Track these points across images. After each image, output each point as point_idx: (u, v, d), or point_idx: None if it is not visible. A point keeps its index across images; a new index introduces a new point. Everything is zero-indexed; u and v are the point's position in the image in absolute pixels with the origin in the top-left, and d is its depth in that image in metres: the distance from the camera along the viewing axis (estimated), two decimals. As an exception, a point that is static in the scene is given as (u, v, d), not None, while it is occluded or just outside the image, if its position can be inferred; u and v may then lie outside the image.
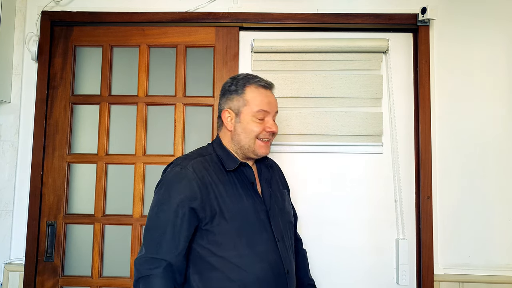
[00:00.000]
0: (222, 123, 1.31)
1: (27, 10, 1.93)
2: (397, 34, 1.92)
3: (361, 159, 1.88)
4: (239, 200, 1.22)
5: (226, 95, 1.30)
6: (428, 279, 1.77)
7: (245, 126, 1.26)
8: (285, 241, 1.27)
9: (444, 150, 1.85)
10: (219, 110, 1.33)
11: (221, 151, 1.29)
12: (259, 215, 1.23)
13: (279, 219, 1.28)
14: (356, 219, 1.85)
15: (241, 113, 1.27)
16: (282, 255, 1.23)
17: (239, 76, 1.33)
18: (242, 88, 1.28)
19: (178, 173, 1.20)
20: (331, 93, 1.88)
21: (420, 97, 1.83)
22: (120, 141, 1.92)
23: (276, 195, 1.34)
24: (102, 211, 1.87)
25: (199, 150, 1.33)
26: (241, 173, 1.27)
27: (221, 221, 1.17)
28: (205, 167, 1.23)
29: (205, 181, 1.19)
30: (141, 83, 1.92)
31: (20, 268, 1.82)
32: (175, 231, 1.15)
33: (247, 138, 1.27)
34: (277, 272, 1.21)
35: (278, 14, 1.88)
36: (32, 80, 1.90)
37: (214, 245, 1.17)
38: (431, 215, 1.79)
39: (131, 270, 1.84)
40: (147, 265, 1.13)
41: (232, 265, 1.16)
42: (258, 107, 1.26)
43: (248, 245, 1.19)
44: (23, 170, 1.88)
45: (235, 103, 1.27)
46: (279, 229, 1.27)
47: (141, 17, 1.90)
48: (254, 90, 1.28)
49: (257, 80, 1.30)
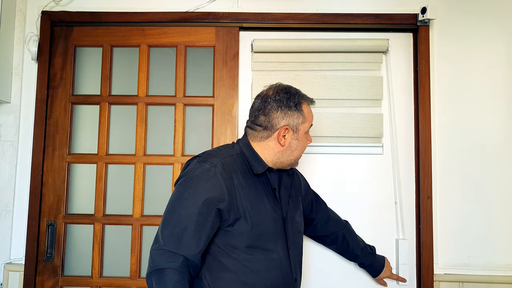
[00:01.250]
0: (269, 136, 1.26)
1: (27, 10, 1.93)
2: (397, 34, 1.92)
3: (361, 159, 1.88)
4: (261, 205, 1.22)
5: (283, 110, 1.25)
6: (428, 279, 1.77)
7: (299, 143, 1.29)
8: (295, 250, 1.29)
9: (444, 150, 1.85)
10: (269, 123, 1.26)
11: (249, 152, 1.27)
12: (277, 222, 1.24)
13: (291, 227, 1.29)
14: (356, 219, 1.84)
15: (299, 130, 1.27)
16: (292, 263, 1.25)
17: (291, 90, 1.29)
18: (300, 105, 1.27)
19: (207, 170, 1.17)
20: (331, 94, 1.88)
21: (420, 97, 1.83)
22: (120, 141, 1.92)
23: (291, 203, 1.34)
24: (102, 211, 1.87)
25: (226, 149, 1.30)
26: (265, 178, 1.27)
27: (243, 224, 1.17)
28: (234, 168, 1.21)
29: (233, 183, 1.18)
30: (141, 83, 1.92)
31: (20, 268, 1.82)
32: (197, 228, 1.13)
33: (299, 153, 1.30)
34: (287, 279, 1.24)
35: (278, 14, 1.88)
36: (32, 80, 1.90)
37: (230, 246, 1.18)
38: (431, 215, 1.79)
39: (131, 270, 1.84)
40: (165, 258, 1.11)
41: (246, 268, 1.17)
42: (310, 123, 1.32)
43: (264, 250, 1.20)
44: (23, 170, 1.88)
45: (295, 119, 1.26)
46: (292, 237, 1.28)
47: (141, 17, 1.90)
48: (307, 107, 1.31)
49: (307, 97, 1.33)
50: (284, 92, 1.28)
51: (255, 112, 1.30)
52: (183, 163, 1.86)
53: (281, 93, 1.27)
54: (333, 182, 1.87)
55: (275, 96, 1.27)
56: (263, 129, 1.27)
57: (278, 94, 1.27)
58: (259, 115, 1.28)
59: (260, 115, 1.27)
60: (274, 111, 1.25)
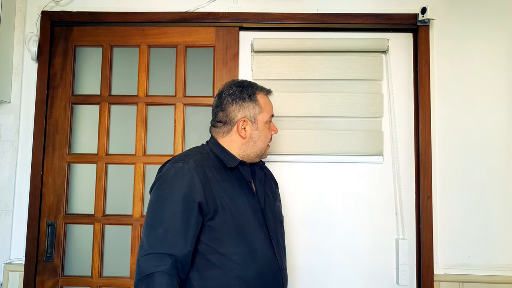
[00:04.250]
0: (230, 131, 1.31)
1: (27, 10, 1.93)
2: (397, 34, 1.92)
3: (361, 157, 1.87)
4: (238, 198, 1.24)
5: (237, 102, 1.30)
6: (428, 279, 1.77)
7: (260, 133, 1.31)
8: (278, 239, 1.31)
9: (444, 150, 1.84)
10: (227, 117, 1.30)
11: (218, 150, 1.30)
12: (256, 213, 1.26)
13: (271, 218, 1.32)
14: (356, 219, 1.85)
15: (257, 121, 1.31)
16: (276, 252, 1.27)
17: (244, 83, 1.34)
18: (254, 96, 1.31)
19: (181, 168, 1.19)
20: (331, 97, 1.88)
21: (420, 97, 1.83)
22: (120, 141, 1.92)
23: (269, 194, 1.36)
24: (102, 211, 1.87)
25: (195, 149, 1.33)
26: (238, 172, 1.29)
27: (222, 217, 1.18)
28: (206, 164, 1.23)
29: (207, 177, 1.20)
30: (141, 83, 1.92)
31: (20, 268, 1.82)
32: (182, 226, 1.12)
33: (262, 144, 1.33)
34: (274, 268, 1.25)
35: (278, 14, 1.88)
36: (32, 80, 1.90)
37: (214, 241, 1.18)
38: (431, 215, 1.79)
39: (131, 270, 1.84)
40: (153, 262, 1.08)
41: (232, 262, 1.17)
42: (269, 113, 1.34)
43: (247, 242, 1.20)
44: (23, 170, 1.88)
45: (251, 110, 1.30)
46: (273, 227, 1.30)
47: (141, 17, 1.90)
48: (263, 97, 1.34)
49: (261, 87, 1.35)
50: (237, 85, 1.33)
51: (214, 110, 1.35)
52: (183, 163, 1.86)
53: (233, 87, 1.32)
54: (332, 181, 1.87)
55: (229, 90, 1.32)
56: (223, 125, 1.32)
57: (231, 88, 1.32)
58: (217, 112, 1.33)
59: (219, 111, 1.33)
60: (230, 105, 1.30)
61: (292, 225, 1.83)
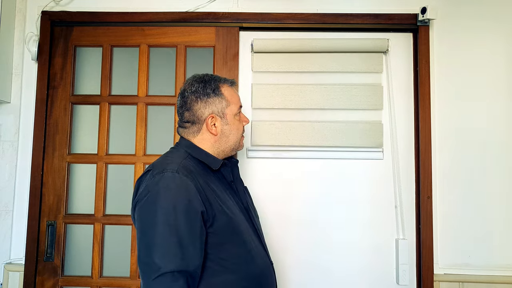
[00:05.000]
0: (199, 130, 1.25)
1: (27, 10, 1.93)
2: (397, 34, 1.92)
3: (361, 157, 1.88)
4: (227, 199, 1.21)
5: (201, 99, 1.24)
6: (428, 279, 1.77)
7: (231, 127, 1.27)
8: (263, 235, 1.33)
9: (444, 150, 1.84)
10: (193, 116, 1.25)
11: (196, 152, 1.24)
12: (244, 213, 1.26)
13: (254, 215, 1.32)
14: (356, 219, 1.85)
15: (226, 115, 1.26)
16: (265, 249, 1.29)
17: (205, 78, 1.28)
18: (218, 90, 1.26)
19: (172, 178, 1.09)
20: (332, 98, 1.88)
21: (420, 97, 1.83)
22: (120, 141, 1.92)
23: (245, 191, 1.36)
24: (102, 211, 1.87)
25: (173, 154, 1.24)
26: (219, 173, 1.27)
27: (219, 220, 1.14)
28: (191, 170, 1.16)
29: (199, 182, 1.14)
30: (141, 83, 1.92)
31: (20, 268, 1.82)
32: (191, 237, 1.05)
33: (235, 137, 1.29)
34: (268, 264, 1.26)
35: (278, 14, 1.88)
36: (32, 80, 1.90)
37: (215, 246, 1.14)
38: (431, 215, 1.79)
39: (131, 270, 1.84)
40: (167, 283, 1.00)
41: (234, 266, 1.15)
42: (237, 105, 1.29)
43: (244, 242, 1.19)
44: (23, 170, 1.88)
45: (217, 105, 1.25)
46: (257, 224, 1.32)
47: (141, 17, 1.90)
48: (228, 89, 1.29)
49: (224, 79, 1.30)
50: (199, 81, 1.27)
51: (179, 111, 1.29)
52: (183, 163, 1.86)
53: (195, 83, 1.26)
54: (332, 181, 1.87)
55: (191, 88, 1.26)
56: (191, 124, 1.26)
57: (193, 85, 1.26)
58: (183, 112, 1.27)
59: (184, 111, 1.27)
60: (195, 103, 1.24)
61: (291, 223, 1.83)
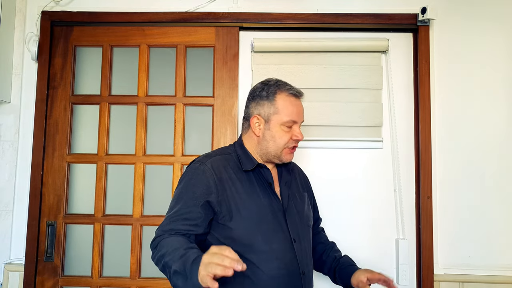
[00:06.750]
0: (248, 127, 1.31)
1: (27, 10, 1.93)
2: (397, 34, 1.92)
3: (361, 157, 1.88)
4: (256, 198, 1.23)
5: (255, 99, 1.29)
6: (428, 279, 1.77)
7: (273, 134, 1.26)
8: (302, 242, 1.27)
9: (444, 150, 1.84)
10: (247, 113, 1.31)
11: (241, 151, 1.30)
12: (276, 214, 1.24)
13: (296, 221, 1.29)
14: (356, 219, 1.85)
15: (270, 121, 1.26)
16: (298, 256, 1.24)
17: (270, 81, 1.30)
18: (273, 95, 1.26)
19: (196, 169, 1.23)
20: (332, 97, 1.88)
21: (420, 97, 1.83)
22: (120, 141, 1.92)
23: (295, 197, 1.34)
24: (102, 211, 1.87)
25: (220, 149, 1.35)
26: (258, 173, 1.28)
27: (238, 217, 1.18)
28: (224, 165, 1.24)
29: (222, 178, 1.21)
30: (141, 83, 1.92)
31: (20, 268, 1.82)
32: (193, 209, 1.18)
33: (275, 146, 1.27)
34: (292, 272, 1.22)
35: (278, 14, 1.88)
36: (32, 80, 1.90)
37: (229, 240, 1.17)
38: (431, 215, 1.79)
39: (131, 270, 1.84)
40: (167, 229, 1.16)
41: (247, 262, 1.12)
42: (288, 117, 1.25)
43: (264, 242, 1.19)
44: (23, 170, 1.88)
45: (265, 109, 1.26)
46: (296, 230, 1.27)
47: (141, 17, 1.90)
48: (285, 99, 1.26)
49: (288, 87, 1.28)
50: (263, 83, 1.31)
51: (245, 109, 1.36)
52: (183, 163, 1.87)
53: (260, 84, 1.31)
54: (332, 181, 1.87)
55: (254, 88, 1.32)
56: (244, 121, 1.33)
57: (257, 85, 1.32)
58: (245, 108, 1.35)
59: (245, 108, 1.34)
60: (250, 101, 1.31)
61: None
